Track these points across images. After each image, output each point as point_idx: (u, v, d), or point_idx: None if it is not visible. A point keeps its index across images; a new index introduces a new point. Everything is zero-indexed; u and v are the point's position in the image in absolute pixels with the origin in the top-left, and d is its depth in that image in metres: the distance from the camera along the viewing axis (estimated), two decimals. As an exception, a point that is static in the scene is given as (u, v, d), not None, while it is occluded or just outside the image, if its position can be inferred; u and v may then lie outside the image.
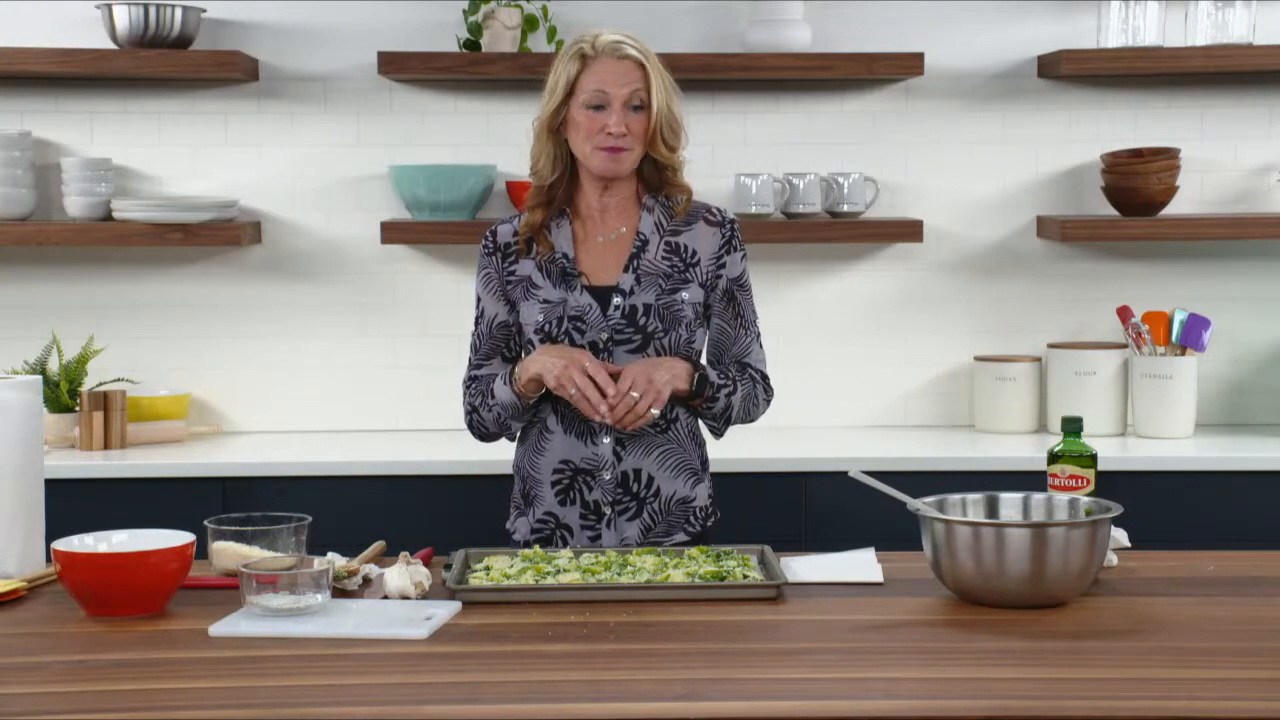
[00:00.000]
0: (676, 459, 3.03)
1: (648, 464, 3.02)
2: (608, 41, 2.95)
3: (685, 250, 3.03)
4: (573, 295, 2.99)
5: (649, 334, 2.98)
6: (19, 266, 4.31)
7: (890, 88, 4.33)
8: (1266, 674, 2.18)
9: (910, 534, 2.64)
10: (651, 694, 2.11)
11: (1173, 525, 3.78)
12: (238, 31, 4.28)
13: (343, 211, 4.33)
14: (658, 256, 3.02)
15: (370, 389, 4.36)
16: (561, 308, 2.98)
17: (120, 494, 3.87)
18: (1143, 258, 4.36)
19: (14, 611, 2.54)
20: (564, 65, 2.96)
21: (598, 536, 3.02)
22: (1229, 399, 4.39)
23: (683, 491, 3.05)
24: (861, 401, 4.40)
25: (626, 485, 3.02)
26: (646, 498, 3.02)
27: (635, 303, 2.99)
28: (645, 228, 3.03)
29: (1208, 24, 4.15)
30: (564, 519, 3.03)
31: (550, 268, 3.01)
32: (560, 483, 3.03)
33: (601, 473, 3.01)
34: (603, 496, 3.01)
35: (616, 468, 3.01)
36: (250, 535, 2.68)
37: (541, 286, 3.01)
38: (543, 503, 3.04)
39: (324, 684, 2.16)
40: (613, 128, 2.91)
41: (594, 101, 2.92)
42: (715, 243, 3.05)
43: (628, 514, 3.02)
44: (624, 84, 2.92)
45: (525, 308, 3.01)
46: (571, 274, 3.00)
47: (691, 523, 3.07)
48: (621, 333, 2.98)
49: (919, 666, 2.24)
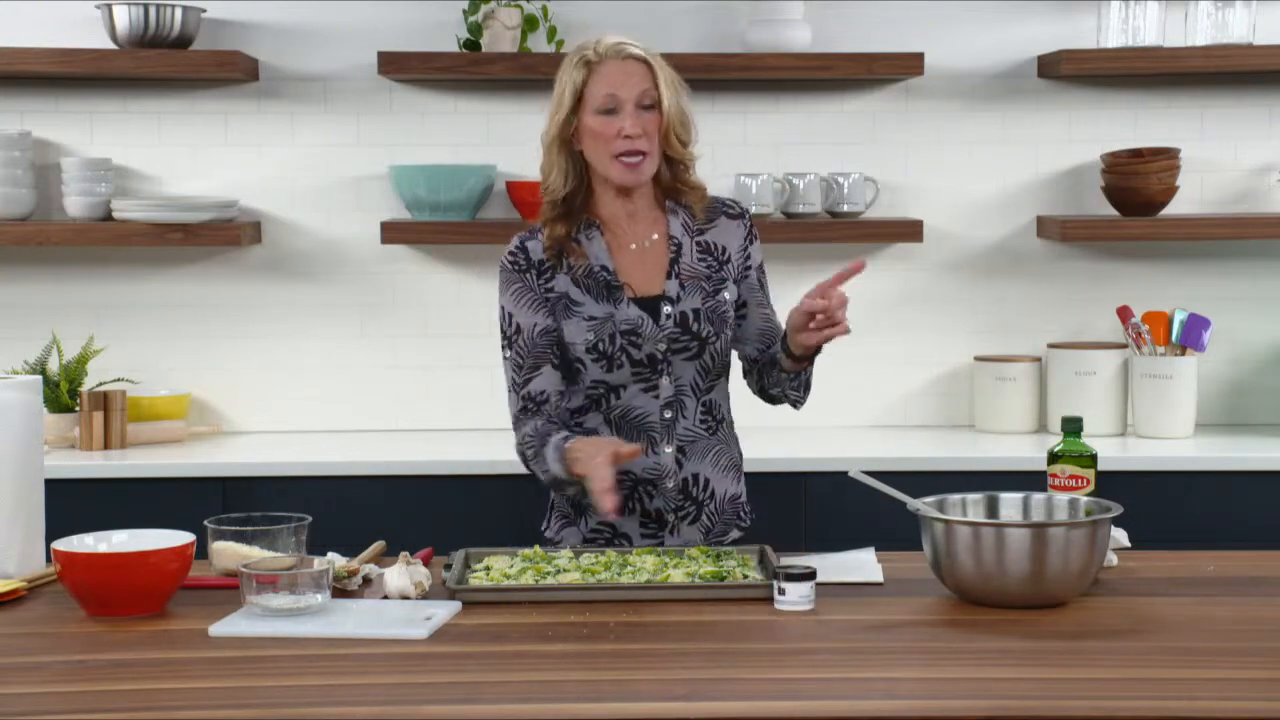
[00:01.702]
0: (726, 458, 3.02)
1: (703, 467, 2.98)
2: (610, 44, 2.89)
3: (716, 249, 2.99)
4: (620, 309, 2.91)
5: (704, 339, 2.93)
6: (19, 266, 4.31)
7: (890, 88, 4.33)
8: (1266, 674, 2.18)
9: (910, 534, 2.64)
10: (651, 694, 2.11)
11: (1173, 525, 3.78)
12: (238, 31, 4.28)
13: (343, 211, 4.33)
14: (694, 259, 2.97)
15: (370, 389, 4.36)
16: (611, 324, 2.91)
17: (120, 494, 3.87)
18: (1143, 258, 4.36)
19: (14, 611, 2.54)
20: (568, 75, 2.89)
21: (660, 543, 2.97)
22: (1229, 399, 4.39)
23: (733, 489, 3.03)
24: (861, 401, 4.40)
25: (686, 491, 2.98)
26: (704, 500, 2.99)
27: (685, 309, 2.93)
28: (675, 231, 2.97)
29: (1208, 24, 4.15)
30: (622, 528, 2.98)
31: (589, 282, 2.92)
32: (619, 493, 2.88)
33: (664, 481, 2.96)
34: (665, 504, 2.97)
35: (678, 475, 2.97)
36: (250, 535, 2.68)
37: (582, 303, 2.92)
38: (597, 512, 2.90)
39: (324, 684, 2.16)
40: (629, 129, 2.85)
41: (605, 106, 2.86)
42: (740, 236, 3.02)
43: (688, 519, 2.99)
44: (633, 85, 2.87)
45: (569, 326, 2.92)
46: (615, 286, 2.92)
47: (742, 518, 3.06)
48: (678, 341, 2.92)
49: (919, 666, 2.24)
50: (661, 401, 2.93)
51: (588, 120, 2.88)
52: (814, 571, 2.52)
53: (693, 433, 2.96)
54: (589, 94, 2.87)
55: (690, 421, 2.96)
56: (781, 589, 2.50)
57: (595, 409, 2.95)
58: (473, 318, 4.31)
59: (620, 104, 2.86)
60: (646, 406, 2.93)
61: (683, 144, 2.94)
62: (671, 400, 2.94)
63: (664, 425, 2.94)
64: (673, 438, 2.95)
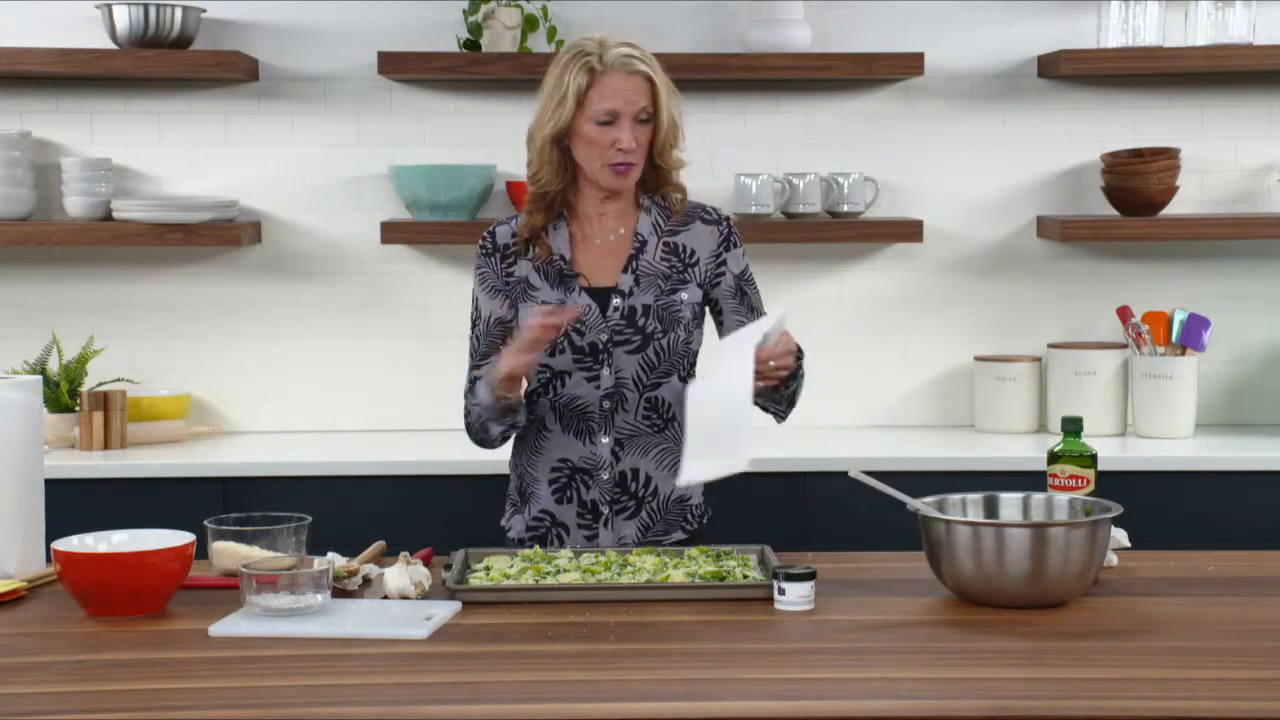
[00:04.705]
0: (673, 458, 3.03)
1: (645, 463, 3.02)
2: (617, 55, 2.92)
3: (684, 250, 3.04)
4: (571, 297, 2.99)
5: (648, 334, 2.98)
6: (19, 266, 4.31)
7: (890, 88, 4.33)
8: (1266, 674, 2.18)
9: (910, 534, 2.64)
10: (651, 694, 2.11)
11: (1173, 525, 3.78)
12: (238, 31, 4.28)
13: (343, 211, 4.33)
14: (656, 257, 3.03)
15: (370, 389, 4.36)
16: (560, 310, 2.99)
17: (120, 494, 3.87)
18: (1143, 258, 4.36)
19: (14, 611, 2.54)
20: (571, 77, 2.93)
21: (594, 535, 3.02)
22: (1229, 399, 4.39)
23: (679, 491, 3.06)
24: (861, 401, 4.39)
25: (624, 485, 3.02)
26: (645, 497, 3.03)
27: (634, 303, 2.99)
28: (643, 229, 3.04)
29: (1208, 24, 4.15)
30: (560, 517, 3.04)
31: (548, 269, 3.01)
32: (557, 481, 3.03)
33: (599, 472, 3.02)
34: (600, 496, 3.02)
35: (614, 467, 3.01)
36: (250, 535, 2.68)
37: (539, 288, 3.01)
38: (539, 500, 3.05)
39: (324, 684, 2.16)
40: (624, 143, 2.92)
41: (605, 118, 2.92)
42: (714, 241, 3.06)
43: (625, 513, 3.03)
44: (634, 101, 2.93)
45: (523, 310, 3.00)
46: (569, 275, 3.00)
47: (689, 520, 3.08)
48: (621, 333, 2.98)
49: (919, 666, 2.24)
50: (601, 391, 2.99)
51: (584, 126, 2.94)
52: (814, 572, 2.52)
53: (633, 427, 3.00)
54: (589, 102, 2.93)
55: (632, 415, 3.00)
56: (781, 589, 2.50)
57: (544, 393, 3.02)
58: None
59: (618, 118, 2.93)
60: (587, 395, 2.99)
61: (673, 152, 3.01)
62: (612, 391, 2.99)
63: (603, 415, 3.00)
64: (610, 429, 3.00)
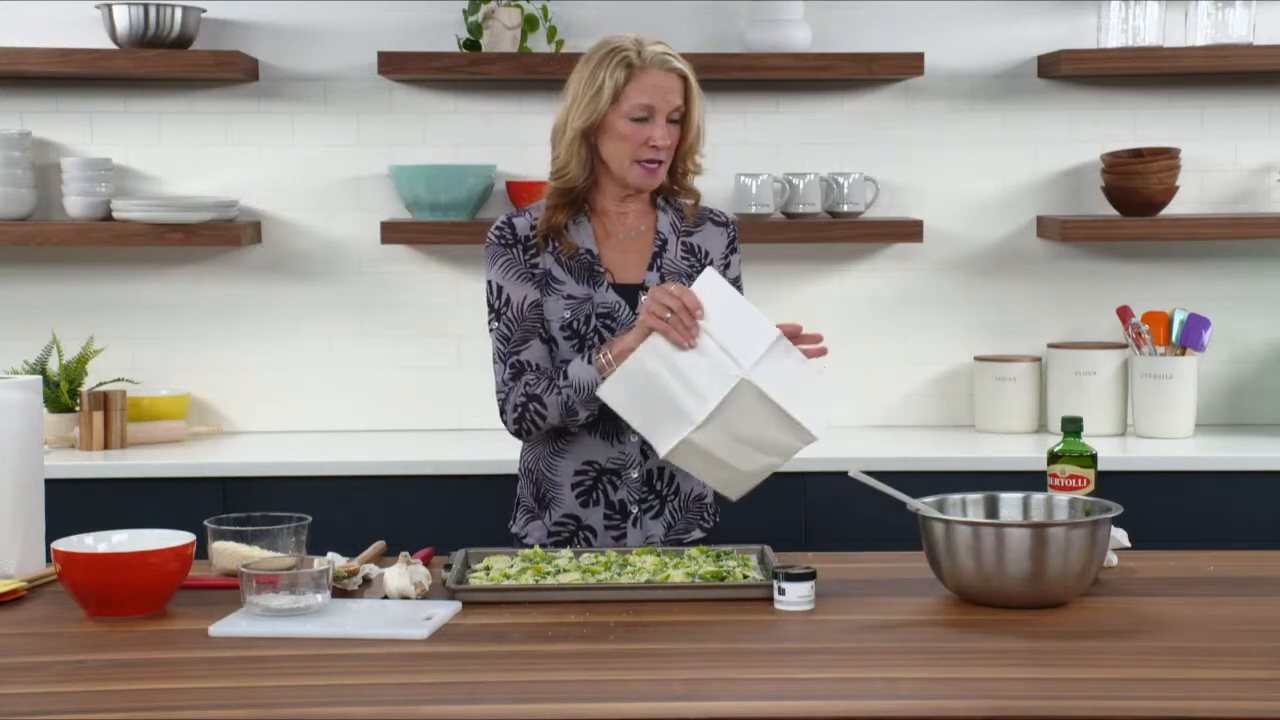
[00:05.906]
0: None
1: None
2: (655, 53, 2.93)
3: (700, 251, 3.05)
4: (599, 292, 2.97)
5: None
6: (19, 266, 4.31)
7: (890, 88, 4.33)
8: (1266, 674, 2.18)
9: (910, 534, 2.64)
10: (651, 694, 2.11)
11: (1173, 525, 3.78)
12: (238, 31, 4.28)
13: (343, 211, 4.33)
14: (677, 256, 3.03)
15: (370, 389, 4.36)
16: (589, 305, 2.96)
17: (120, 494, 3.87)
18: (1143, 258, 4.36)
19: (14, 611, 2.54)
20: (608, 72, 2.92)
21: (623, 536, 3.01)
22: (1229, 399, 4.39)
23: (698, 489, 3.06)
24: (861, 401, 4.39)
25: (650, 483, 3.01)
26: (668, 495, 3.03)
27: None
28: (663, 227, 3.04)
29: (1208, 24, 4.15)
30: (586, 520, 3.01)
31: (573, 264, 2.98)
32: (582, 484, 3.01)
33: (629, 471, 3.00)
34: (629, 495, 3.00)
35: (643, 466, 3.00)
36: (250, 535, 2.68)
37: (564, 282, 2.97)
38: (561, 505, 3.01)
39: (324, 684, 2.16)
40: (658, 140, 2.92)
41: (640, 114, 2.92)
42: (723, 243, 3.08)
43: (651, 512, 3.02)
44: (670, 98, 2.93)
45: (549, 303, 2.97)
46: (598, 270, 2.98)
47: (705, 518, 3.09)
48: None
49: (919, 666, 2.24)
50: None
51: (617, 122, 2.93)
52: (814, 572, 2.52)
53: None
54: (625, 97, 2.92)
55: None
56: (781, 589, 2.50)
57: None
58: (473, 317, 4.30)
59: (653, 114, 2.92)
60: None
61: (695, 156, 3.03)
62: None
63: None
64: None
